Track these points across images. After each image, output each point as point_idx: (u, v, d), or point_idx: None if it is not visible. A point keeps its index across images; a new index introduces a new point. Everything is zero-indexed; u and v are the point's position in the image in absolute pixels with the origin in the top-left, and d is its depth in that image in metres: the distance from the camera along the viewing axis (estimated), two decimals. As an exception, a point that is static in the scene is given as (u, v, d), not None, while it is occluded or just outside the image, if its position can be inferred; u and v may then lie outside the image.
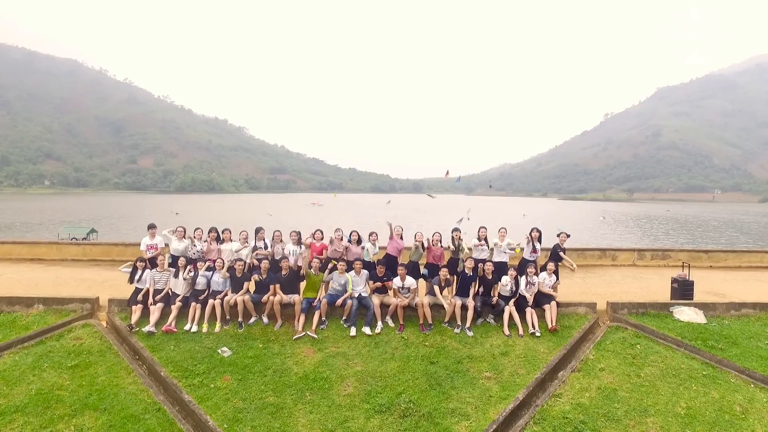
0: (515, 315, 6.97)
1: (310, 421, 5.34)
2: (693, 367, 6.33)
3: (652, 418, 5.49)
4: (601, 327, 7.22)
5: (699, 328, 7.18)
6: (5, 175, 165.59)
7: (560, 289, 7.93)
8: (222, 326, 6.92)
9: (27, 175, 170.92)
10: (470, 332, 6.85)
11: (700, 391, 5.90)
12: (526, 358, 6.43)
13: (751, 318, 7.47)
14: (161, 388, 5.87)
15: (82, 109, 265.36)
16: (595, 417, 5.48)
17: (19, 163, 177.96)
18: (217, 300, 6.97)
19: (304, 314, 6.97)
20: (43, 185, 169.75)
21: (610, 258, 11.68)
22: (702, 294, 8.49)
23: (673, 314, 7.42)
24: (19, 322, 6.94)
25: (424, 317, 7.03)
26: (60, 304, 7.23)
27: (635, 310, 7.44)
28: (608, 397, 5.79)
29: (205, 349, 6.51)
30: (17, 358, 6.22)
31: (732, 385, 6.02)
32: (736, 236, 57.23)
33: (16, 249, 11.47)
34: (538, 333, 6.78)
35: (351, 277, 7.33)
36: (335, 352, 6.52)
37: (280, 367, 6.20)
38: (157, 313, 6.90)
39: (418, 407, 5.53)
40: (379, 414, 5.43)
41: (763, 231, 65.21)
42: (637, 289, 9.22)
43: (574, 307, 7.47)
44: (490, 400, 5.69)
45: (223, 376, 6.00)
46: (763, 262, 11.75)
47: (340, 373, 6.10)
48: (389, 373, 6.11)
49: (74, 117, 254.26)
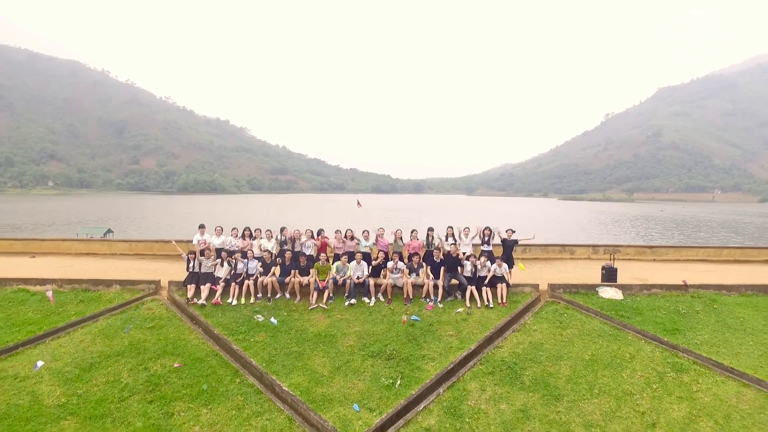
0: (475, 293, 9.25)
1: (322, 362, 7.62)
2: (603, 329, 8.60)
3: (564, 362, 7.76)
4: (541, 302, 9.49)
5: (616, 302, 9.44)
6: (9, 176, 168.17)
7: (520, 275, 10.18)
8: (255, 300, 9.22)
9: (31, 176, 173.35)
10: (440, 304, 9.14)
11: (603, 345, 8.17)
12: (481, 322, 8.70)
13: (658, 296, 9.73)
14: (215, 342, 8.15)
15: (85, 110, 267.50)
16: (524, 360, 7.76)
17: (22, 164, 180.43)
18: (251, 281, 9.27)
19: (316, 292, 9.27)
20: (46, 186, 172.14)
21: (569, 252, 13.93)
22: (628, 278, 10.74)
23: (598, 293, 9.69)
24: (104, 298, 9.25)
25: (406, 293, 9.32)
26: (132, 285, 9.54)
27: (569, 290, 9.70)
28: (536, 348, 8.06)
29: (244, 317, 8.81)
30: (110, 322, 8.53)
31: (628, 341, 8.29)
32: (729, 236, 58.76)
33: (74, 245, 13.78)
34: (491, 305, 9.06)
35: (352, 265, 9.62)
36: (340, 318, 8.81)
37: (300, 328, 8.49)
38: (206, 291, 9.20)
39: (399, 354, 7.81)
40: (371, 358, 7.70)
41: (757, 231, 66.28)
42: (581, 276, 11.48)
43: (522, 287, 9.74)
44: (450, 349, 7.96)
45: (259, 334, 8.29)
46: (697, 256, 13.99)
47: (343, 331, 8.38)
48: (379, 332, 8.39)
49: (77, 118, 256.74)
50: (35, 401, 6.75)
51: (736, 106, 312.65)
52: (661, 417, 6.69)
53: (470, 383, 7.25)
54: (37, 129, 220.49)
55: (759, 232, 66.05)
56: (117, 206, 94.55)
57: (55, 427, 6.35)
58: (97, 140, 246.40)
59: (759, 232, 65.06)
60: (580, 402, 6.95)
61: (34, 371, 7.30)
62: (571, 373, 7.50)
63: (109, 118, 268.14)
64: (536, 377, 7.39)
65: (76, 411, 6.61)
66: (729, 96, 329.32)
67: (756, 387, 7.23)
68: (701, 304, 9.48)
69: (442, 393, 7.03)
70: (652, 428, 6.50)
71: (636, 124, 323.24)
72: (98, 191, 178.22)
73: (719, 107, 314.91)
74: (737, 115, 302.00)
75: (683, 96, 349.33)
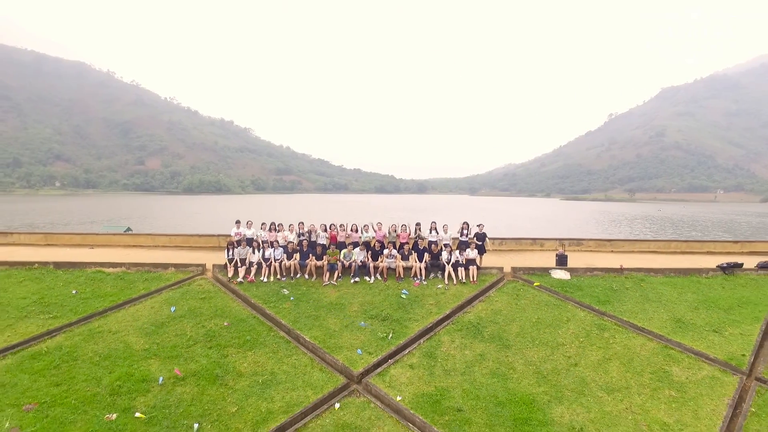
0: (452, 272, 11.79)
1: (334, 322, 10.18)
2: (550, 301, 11.13)
3: (516, 323, 10.29)
4: (504, 280, 12.02)
5: (563, 281, 11.96)
6: (17, 177, 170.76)
7: (490, 259, 12.66)
8: (281, 279, 11.81)
9: (38, 176, 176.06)
10: (425, 282, 11.70)
11: (548, 311, 10.70)
12: (455, 295, 11.24)
13: (598, 276, 12.25)
14: (252, 308, 10.72)
15: (90, 111, 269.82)
16: (485, 322, 10.30)
17: (30, 164, 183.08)
18: (277, 263, 11.86)
19: (329, 272, 11.84)
20: (54, 186, 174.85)
21: (539, 245, 16.43)
22: (580, 263, 13.24)
23: (551, 274, 12.20)
24: (163, 277, 11.88)
25: (398, 273, 11.88)
26: (184, 267, 12.15)
27: (528, 272, 12.22)
28: (495, 313, 10.60)
29: (273, 291, 11.40)
30: (170, 294, 11.14)
31: (568, 309, 10.81)
32: (720, 235, 60.71)
33: (123, 239, 16.43)
34: (464, 281, 11.61)
35: (356, 252, 12.19)
36: (346, 292, 11.39)
37: (316, 299, 11.08)
38: (242, 271, 11.79)
39: (391, 317, 10.37)
40: (370, 319, 10.27)
41: (750, 230, 67.71)
42: (542, 262, 13.99)
43: (490, 269, 12.29)
44: (430, 314, 10.50)
45: (286, 302, 10.88)
46: (649, 248, 16.45)
47: (349, 301, 10.96)
48: (376, 301, 10.96)
49: (83, 119, 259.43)
50: (127, 347, 9.36)
51: (739, 106, 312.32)
52: (582, 359, 9.22)
53: (443, 337, 9.81)
54: (43, 130, 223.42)
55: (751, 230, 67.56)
56: (125, 206, 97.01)
57: (144, 363, 8.94)
58: (102, 141, 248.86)
59: (750, 231, 66.62)
60: (524, 350, 9.49)
61: (122, 326, 9.91)
62: (519, 330, 10.05)
63: (114, 119, 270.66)
64: (493, 333, 9.94)
65: (158, 353, 9.20)
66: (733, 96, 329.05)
67: (657, 341, 9.75)
68: (631, 282, 11.99)
69: (422, 343, 9.59)
70: (574, 366, 9.03)
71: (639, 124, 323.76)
72: (104, 191, 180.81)
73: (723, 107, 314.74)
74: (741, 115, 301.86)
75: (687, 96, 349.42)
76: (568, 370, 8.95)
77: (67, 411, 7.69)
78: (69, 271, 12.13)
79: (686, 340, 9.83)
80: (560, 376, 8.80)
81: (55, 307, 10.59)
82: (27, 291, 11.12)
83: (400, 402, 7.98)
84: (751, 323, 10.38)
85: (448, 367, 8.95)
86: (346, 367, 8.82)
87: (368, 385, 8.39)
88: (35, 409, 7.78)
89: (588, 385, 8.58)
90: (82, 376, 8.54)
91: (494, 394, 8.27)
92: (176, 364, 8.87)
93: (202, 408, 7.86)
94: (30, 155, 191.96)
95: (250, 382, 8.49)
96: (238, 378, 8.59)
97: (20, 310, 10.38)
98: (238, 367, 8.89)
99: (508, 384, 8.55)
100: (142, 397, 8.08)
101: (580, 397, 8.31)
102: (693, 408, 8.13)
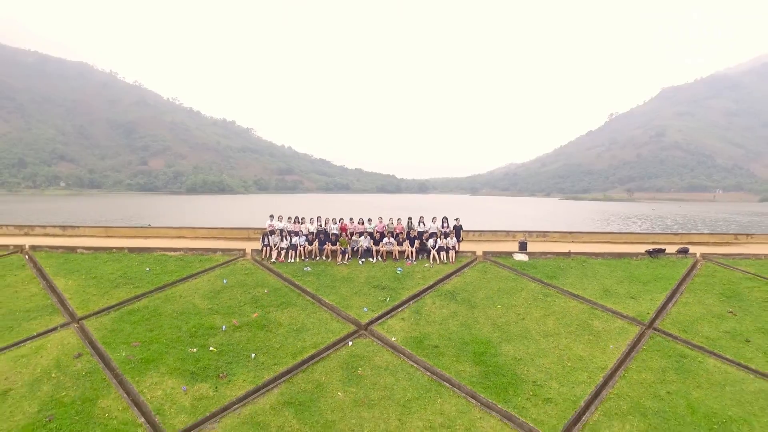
0: (436, 255, 15.24)
1: (346, 290, 13.64)
2: (509, 276, 14.56)
3: (482, 291, 13.73)
4: (476, 261, 15.45)
5: (523, 262, 15.38)
6: (23, 177, 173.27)
7: (466, 245, 16.12)
8: (304, 260, 15.30)
9: (43, 176, 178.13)
10: (415, 262, 15.16)
11: (506, 283, 14.13)
12: (438, 272, 14.69)
13: (550, 259, 15.67)
14: (284, 280, 14.17)
15: (94, 112, 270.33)
16: (459, 290, 13.74)
17: (34, 165, 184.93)
18: (301, 248, 15.35)
19: (341, 255, 15.30)
20: (58, 186, 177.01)
21: (512, 236, 19.85)
22: (538, 249, 16.64)
23: (513, 257, 15.62)
24: (213, 259, 15.36)
25: (395, 255, 15.37)
26: (228, 251, 15.62)
27: (496, 255, 15.64)
28: (468, 284, 14.05)
29: (298, 268, 14.87)
30: (221, 271, 14.61)
31: (522, 282, 14.24)
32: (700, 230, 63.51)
33: (169, 231, 19.91)
34: (445, 262, 15.06)
35: (362, 239, 15.66)
36: (355, 269, 14.86)
37: (332, 275, 14.54)
38: (275, 254, 15.27)
39: (389, 286, 13.83)
40: (373, 288, 13.74)
41: (736, 228, 69.98)
42: (509, 249, 17.38)
43: (466, 253, 15.73)
44: (418, 284, 13.96)
45: (309, 277, 14.34)
46: (604, 239, 19.84)
47: (357, 276, 14.42)
48: (377, 275, 14.42)
49: (86, 119, 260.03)
50: (195, 307, 12.81)
51: (740, 106, 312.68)
52: (528, 316, 12.66)
53: (427, 300, 13.26)
54: (47, 130, 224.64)
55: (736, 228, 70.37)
56: (133, 206, 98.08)
57: (209, 317, 12.38)
58: (106, 141, 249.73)
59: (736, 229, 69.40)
60: (486, 309, 12.92)
61: (188, 293, 13.35)
62: (484, 296, 13.49)
63: (117, 119, 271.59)
64: (464, 298, 13.38)
65: (218, 311, 12.65)
66: (733, 96, 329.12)
67: (587, 303, 13.18)
68: (576, 263, 15.41)
69: (411, 304, 13.04)
70: (522, 320, 12.47)
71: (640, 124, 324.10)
72: (108, 191, 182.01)
73: (723, 107, 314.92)
74: (741, 115, 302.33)
75: (687, 96, 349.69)
76: (517, 322, 12.39)
77: (161, 346, 11.16)
78: (140, 254, 15.63)
79: (609, 303, 13.25)
80: (510, 326, 12.24)
81: (135, 279, 14.07)
82: (113, 268, 14.61)
83: (395, 341, 11.44)
84: (661, 292, 13.78)
85: (430, 320, 12.40)
86: (356, 319, 12.28)
87: (372, 330, 11.87)
88: (140, 345, 11.25)
89: (530, 332, 12.01)
90: (167, 325, 12.00)
91: (461, 337, 11.72)
92: (233, 318, 12.34)
93: (256, 345, 11.33)
94: (34, 156, 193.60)
95: (287, 329, 11.96)
96: (279, 327, 12.06)
97: (111, 281, 13.88)
98: (278, 319, 12.35)
99: (471, 331, 12.00)
100: (212, 338, 11.55)
101: (523, 339, 11.74)
102: (602, 347, 11.56)
